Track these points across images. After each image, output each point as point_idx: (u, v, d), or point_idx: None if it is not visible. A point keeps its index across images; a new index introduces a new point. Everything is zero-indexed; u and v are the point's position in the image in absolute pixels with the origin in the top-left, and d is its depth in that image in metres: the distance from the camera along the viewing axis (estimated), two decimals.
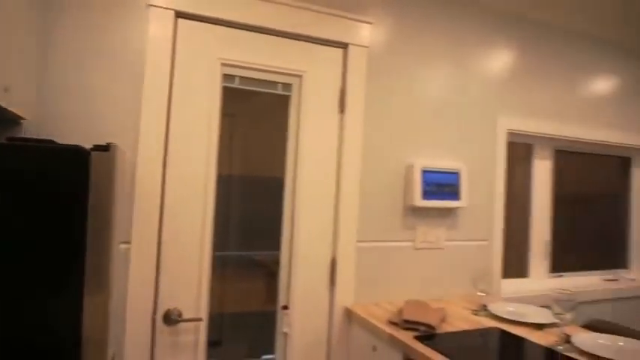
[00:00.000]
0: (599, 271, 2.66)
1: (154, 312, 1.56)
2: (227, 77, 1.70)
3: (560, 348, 1.41)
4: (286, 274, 1.79)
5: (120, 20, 1.51)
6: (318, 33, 1.78)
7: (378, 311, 1.76)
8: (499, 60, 2.19)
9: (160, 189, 1.55)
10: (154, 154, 1.54)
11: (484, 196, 2.14)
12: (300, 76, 1.80)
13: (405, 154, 1.97)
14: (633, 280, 2.68)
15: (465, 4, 2.09)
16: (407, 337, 1.47)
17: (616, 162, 2.79)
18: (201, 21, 1.63)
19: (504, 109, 2.20)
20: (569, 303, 1.45)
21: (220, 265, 1.72)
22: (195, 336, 1.62)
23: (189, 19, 1.61)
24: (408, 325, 1.55)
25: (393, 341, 1.49)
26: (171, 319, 1.57)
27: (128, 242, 1.51)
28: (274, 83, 1.79)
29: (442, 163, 2.00)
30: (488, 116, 2.16)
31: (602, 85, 2.52)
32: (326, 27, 1.79)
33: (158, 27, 1.55)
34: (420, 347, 1.38)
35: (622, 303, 2.54)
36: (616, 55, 2.57)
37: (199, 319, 1.61)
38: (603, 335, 1.52)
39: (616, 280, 2.65)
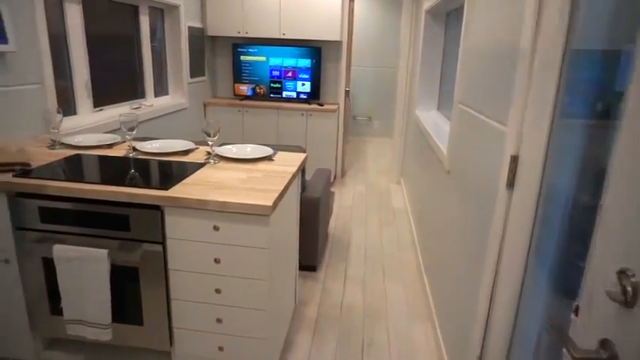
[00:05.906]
0: (127, 102, 3.32)
1: None
2: None
3: (131, 155, 1.97)
4: None
5: None
6: None
7: None
8: None
9: None
10: None
11: (28, 39, 2.16)
12: None
13: None
14: (151, 105, 3.53)
15: None
16: (6, 177, 1.58)
17: (128, 8, 3.30)
18: None
19: None
20: (130, 124, 1.99)
21: None
22: None
23: None
24: (1, 168, 1.63)
25: None
26: None
27: None
28: None
29: None
30: None
31: None
32: None
33: None
34: (24, 182, 1.56)
35: (148, 123, 3.37)
36: None
37: None
38: (152, 142, 2.19)
39: (139, 107, 3.41)
